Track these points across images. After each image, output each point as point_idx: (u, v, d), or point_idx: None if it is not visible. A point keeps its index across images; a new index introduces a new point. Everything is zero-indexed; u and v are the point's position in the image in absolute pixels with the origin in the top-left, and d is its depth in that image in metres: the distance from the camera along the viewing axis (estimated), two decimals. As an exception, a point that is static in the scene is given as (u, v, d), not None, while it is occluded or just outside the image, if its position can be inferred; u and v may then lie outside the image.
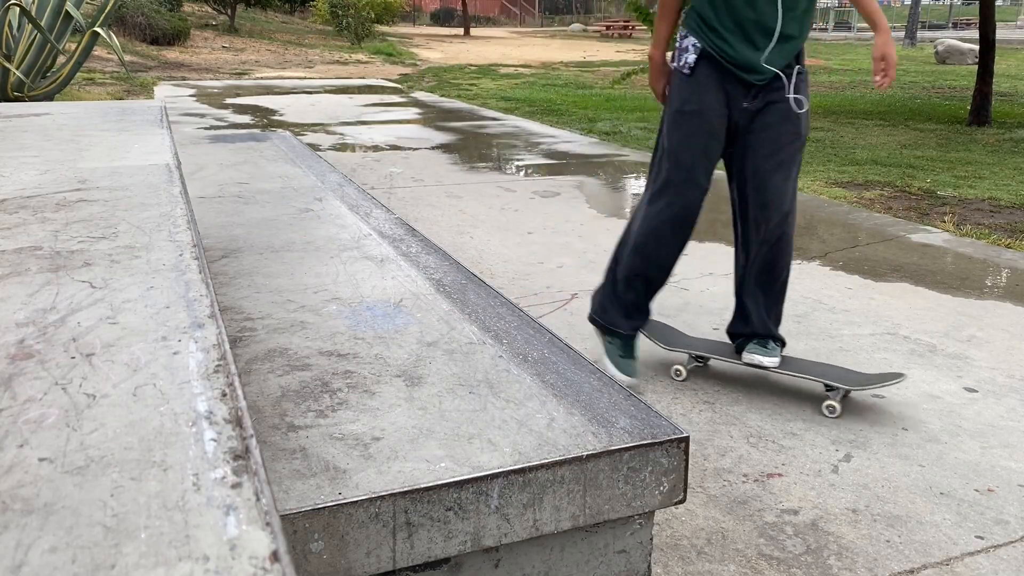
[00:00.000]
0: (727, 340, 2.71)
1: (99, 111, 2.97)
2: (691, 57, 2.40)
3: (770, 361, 2.52)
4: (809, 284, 3.60)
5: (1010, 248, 4.23)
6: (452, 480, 1.18)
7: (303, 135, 7.64)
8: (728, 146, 2.46)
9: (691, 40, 2.41)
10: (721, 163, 2.50)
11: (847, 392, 2.48)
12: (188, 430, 0.70)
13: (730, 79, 2.39)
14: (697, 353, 2.67)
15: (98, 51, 13.79)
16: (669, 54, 2.54)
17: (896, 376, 2.46)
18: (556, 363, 1.56)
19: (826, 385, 2.48)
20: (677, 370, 2.68)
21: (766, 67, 2.35)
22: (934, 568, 1.78)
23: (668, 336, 2.78)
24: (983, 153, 7.14)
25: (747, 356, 2.55)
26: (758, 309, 2.56)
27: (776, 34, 2.32)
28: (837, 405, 2.43)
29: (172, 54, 16.54)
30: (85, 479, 0.63)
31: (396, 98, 11.33)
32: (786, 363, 2.56)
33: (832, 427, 2.37)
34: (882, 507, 1.99)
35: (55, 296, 1.02)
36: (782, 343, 2.58)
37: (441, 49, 22.27)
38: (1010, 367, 2.80)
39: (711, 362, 2.79)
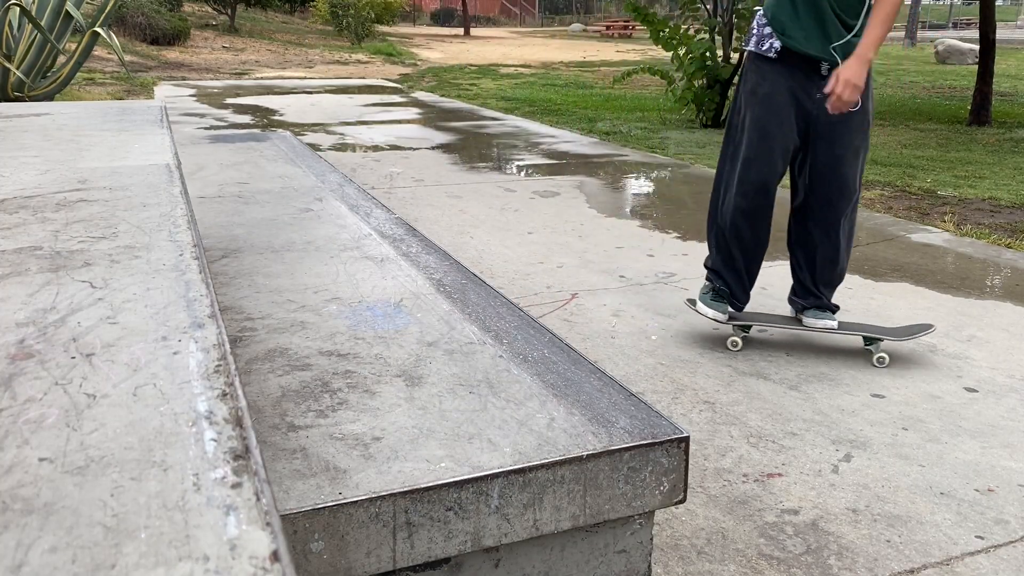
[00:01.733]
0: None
1: (99, 111, 2.97)
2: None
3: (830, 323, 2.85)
4: (809, 284, 3.60)
5: (1010, 248, 4.23)
6: (452, 480, 1.18)
7: (303, 135, 7.64)
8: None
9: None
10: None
11: (881, 342, 2.78)
12: (188, 430, 0.70)
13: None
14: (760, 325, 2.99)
15: (98, 51, 13.79)
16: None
17: (925, 327, 2.79)
18: (556, 363, 1.56)
19: (866, 339, 2.79)
20: (733, 341, 2.94)
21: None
22: (934, 568, 1.78)
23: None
24: (983, 153, 7.14)
25: (808, 320, 2.89)
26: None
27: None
28: (886, 356, 2.75)
29: (172, 54, 16.54)
30: (85, 479, 0.63)
31: (396, 98, 11.33)
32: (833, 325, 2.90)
33: (832, 427, 2.37)
34: (882, 507, 1.99)
35: (55, 296, 1.02)
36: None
37: (441, 49, 22.27)
38: (1010, 367, 2.80)
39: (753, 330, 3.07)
